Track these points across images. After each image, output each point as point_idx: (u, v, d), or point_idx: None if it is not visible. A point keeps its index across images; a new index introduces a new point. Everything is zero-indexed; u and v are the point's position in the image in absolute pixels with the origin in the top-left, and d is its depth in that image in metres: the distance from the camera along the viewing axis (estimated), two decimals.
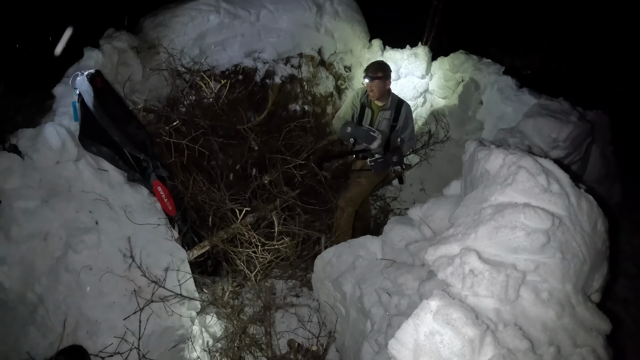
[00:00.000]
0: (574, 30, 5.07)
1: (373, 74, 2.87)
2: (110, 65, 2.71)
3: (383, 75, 2.87)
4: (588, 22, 4.98)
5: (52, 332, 1.93)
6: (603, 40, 5.01)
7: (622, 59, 4.99)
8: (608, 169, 3.00)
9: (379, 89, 2.87)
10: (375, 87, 2.87)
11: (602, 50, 5.05)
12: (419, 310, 1.18)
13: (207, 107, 2.90)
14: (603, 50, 5.05)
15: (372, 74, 2.87)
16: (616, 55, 5.03)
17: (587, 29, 5.01)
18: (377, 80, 2.85)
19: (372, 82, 2.86)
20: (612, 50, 5.05)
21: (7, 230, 1.96)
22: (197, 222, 2.73)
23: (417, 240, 1.95)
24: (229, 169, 2.98)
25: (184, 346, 2.26)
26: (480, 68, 3.61)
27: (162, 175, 2.47)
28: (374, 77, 2.85)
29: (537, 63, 5.11)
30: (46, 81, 2.57)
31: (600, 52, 5.06)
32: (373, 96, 2.91)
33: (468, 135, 3.66)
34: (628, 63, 4.91)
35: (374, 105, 2.99)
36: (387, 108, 2.97)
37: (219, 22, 3.11)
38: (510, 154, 1.51)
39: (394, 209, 3.66)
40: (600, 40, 5.02)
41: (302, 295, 2.74)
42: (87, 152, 2.28)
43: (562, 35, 5.14)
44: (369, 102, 2.98)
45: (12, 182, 2.02)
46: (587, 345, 1.24)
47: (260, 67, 3.23)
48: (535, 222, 1.31)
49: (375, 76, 2.85)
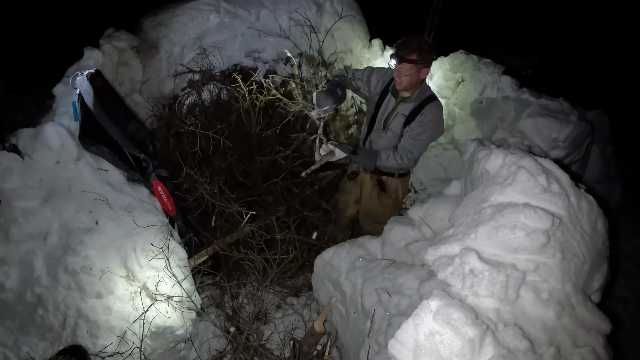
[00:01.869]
0: (574, 30, 5.07)
1: (404, 52, 1.97)
2: (110, 65, 2.71)
3: (419, 59, 1.98)
4: (588, 21, 4.98)
5: (52, 332, 1.93)
6: (603, 40, 5.01)
7: (622, 58, 4.99)
8: (608, 169, 3.00)
9: (409, 79, 2.03)
10: (405, 74, 2.01)
11: (602, 50, 5.05)
12: (419, 310, 1.18)
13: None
14: (603, 50, 5.05)
15: (403, 53, 1.97)
16: (616, 54, 5.04)
17: (587, 28, 5.01)
18: (409, 65, 1.98)
19: (401, 66, 2.00)
20: (612, 50, 5.05)
21: (6, 230, 1.96)
22: (198, 223, 2.73)
23: (417, 240, 1.95)
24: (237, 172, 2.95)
25: (184, 346, 2.26)
26: (480, 68, 3.61)
27: (162, 175, 2.47)
28: (404, 59, 1.97)
29: (537, 63, 5.11)
30: (46, 81, 2.57)
31: (600, 52, 5.06)
32: (400, 85, 2.07)
33: (468, 135, 3.66)
34: (628, 63, 4.91)
35: (399, 95, 2.18)
36: (410, 100, 2.14)
37: (219, 22, 3.10)
38: (510, 154, 1.51)
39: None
40: (600, 40, 5.02)
41: (302, 296, 2.74)
42: (87, 152, 2.28)
43: (562, 35, 5.14)
44: (394, 87, 2.16)
45: (12, 182, 2.02)
46: (587, 345, 1.24)
47: (260, 66, 3.23)
48: (535, 222, 1.31)
49: (408, 58, 1.97)
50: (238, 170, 2.90)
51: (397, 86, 2.11)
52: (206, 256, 2.50)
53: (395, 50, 2.02)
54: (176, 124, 2.76)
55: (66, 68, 2.56)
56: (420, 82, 2.11)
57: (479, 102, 3.61)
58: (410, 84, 2.06)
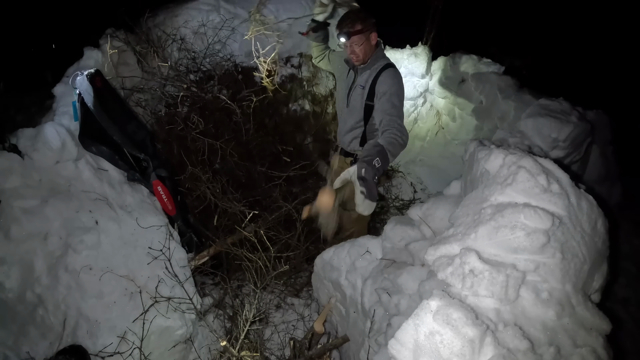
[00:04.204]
0: (574, 30, 5.07)
1: (349, 27, 2.01)
2: (110, 65, 2.71)
3: (364, 27, 2.01)
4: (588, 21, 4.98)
5: (52, 332, 1.93)
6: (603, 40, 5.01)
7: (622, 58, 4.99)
8: (608, 169, 3.00)
9: (362, 48, 2.05)
10: (357, 46, 2.04)
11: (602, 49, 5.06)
12: (419, 310, 1.18)
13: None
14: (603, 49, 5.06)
15: (348, 28, 2.01)
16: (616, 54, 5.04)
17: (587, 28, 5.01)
18: (358, 36, 2.01)
19: (351, 40, 2.03)
20: (612, 50, 5.06)
21: (7, 230, 1.96)
22: (198, 221, 2.73)
23: (417, 240, 1.95)
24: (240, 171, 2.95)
25: (184, 346, 2.26)
26: (480, 68, 3.62)
27: (162, 174, 2.47)
28: (351, 32, 2.01)
29: (537, 63, 5.11)
30: (46, 81, 2.57)
31: (600, 52, 5.07)
32: (357, 59, 2.09)
33: (468, 135, 3.66)
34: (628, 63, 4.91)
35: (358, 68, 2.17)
36: (367, 68, 2.11)
37: (219, 22, 3.10)
38: (510, 154, 1.51)
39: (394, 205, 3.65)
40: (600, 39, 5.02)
41: (302, 296, 2.75)
42: (87, 151, 2.28)
43: (562, 36, 5.14)
44: (352, 64, 2.17)
45: (12, 182, 2.02)
46: (587, 345, 1.24)
47: (260, 66, 3.22)
48: (535, 222, 1.31)
49: (354, 30, 2.00)
50: (240, 171, 2.90)
51: (355, 62, 2.12)
52: (207, 257, 2.49)
53: (339, 30, 2.06)
54: (176, 124, 2.76)
55: (66, 68, 2.57)
56: (373, 48, 2.12)
57: (479, 102, 3.61)
58: (365, 53, 2.08)
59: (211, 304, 2.50)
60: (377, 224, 3.39)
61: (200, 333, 2.39)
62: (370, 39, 2.07)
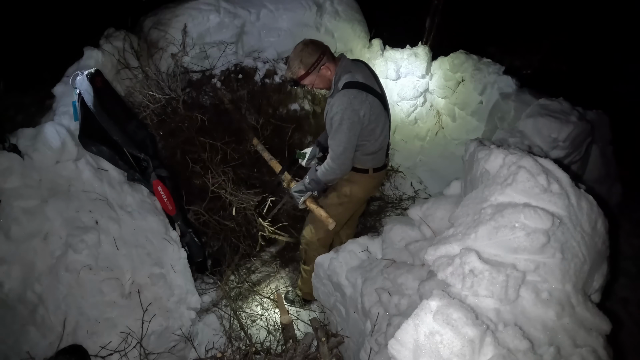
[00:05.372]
0: (574, 30, 5.07)
1: (294, 75, 2.00)
2: (110, 64, 2.71)
3: (309, 70, 1.96)
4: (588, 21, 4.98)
5: (52, 331, 1.93)
6: (603, 40, 5.01)
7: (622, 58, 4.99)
8: (608, 169, 2.99)
9: (320, 84, 2.03)
10: (314, 87, 2.05)
11: (602, 49, 5.05)
12: (419, 310, 1.18)
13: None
14: (603, 49, 5.05)
15: (293, 76, 2.00)
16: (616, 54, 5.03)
17: (587, 28, 5.00)
18: (307, 79, 2.00)
19: (304, 84, 2.03)
20: (612, 50, 5.05)
21: (7, 229, 1.96)
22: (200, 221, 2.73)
23: (417, 240, 1.95)
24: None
25: (184, 346, 2.26)
26: (480, 68, 3.61)
27: (162, 174, 2.47)
28: (298, 80, 2.00)
29: (537, 63, 5.10)
30: (46, 81, 2.57)
31: (600, 52, 5.06)
32: (325, 92, 2.07)
33: (468, 135, 3.66)
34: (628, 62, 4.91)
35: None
36: (333, 93, 2.01)
37: (219, 22, 3.10)
38: (510, 154, 1.51)
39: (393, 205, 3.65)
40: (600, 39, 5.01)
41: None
42: (87, 151, 2.28)
43: (562, 35, 5.14)
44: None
45: (12, 182, 2.02)
46: (587, 345, 1.24)
47: (260, 66, 3.22)
48: (535, 222, 1.31)
49: (299, 76, 1.99)
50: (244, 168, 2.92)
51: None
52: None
53: (289, 80, 2.06)
54: (176, 123, 2.76)
55: (66, 68, 2.57)
56: (332, 75, 2.01)
57: (479, 102, 3.61)
58: (325, 84, 2.04)
59: (210, 303, 2.51)
60: (377, 223, 3.39)
61: (200, 332, 2.39)
62: (320, 73, 1.99)
